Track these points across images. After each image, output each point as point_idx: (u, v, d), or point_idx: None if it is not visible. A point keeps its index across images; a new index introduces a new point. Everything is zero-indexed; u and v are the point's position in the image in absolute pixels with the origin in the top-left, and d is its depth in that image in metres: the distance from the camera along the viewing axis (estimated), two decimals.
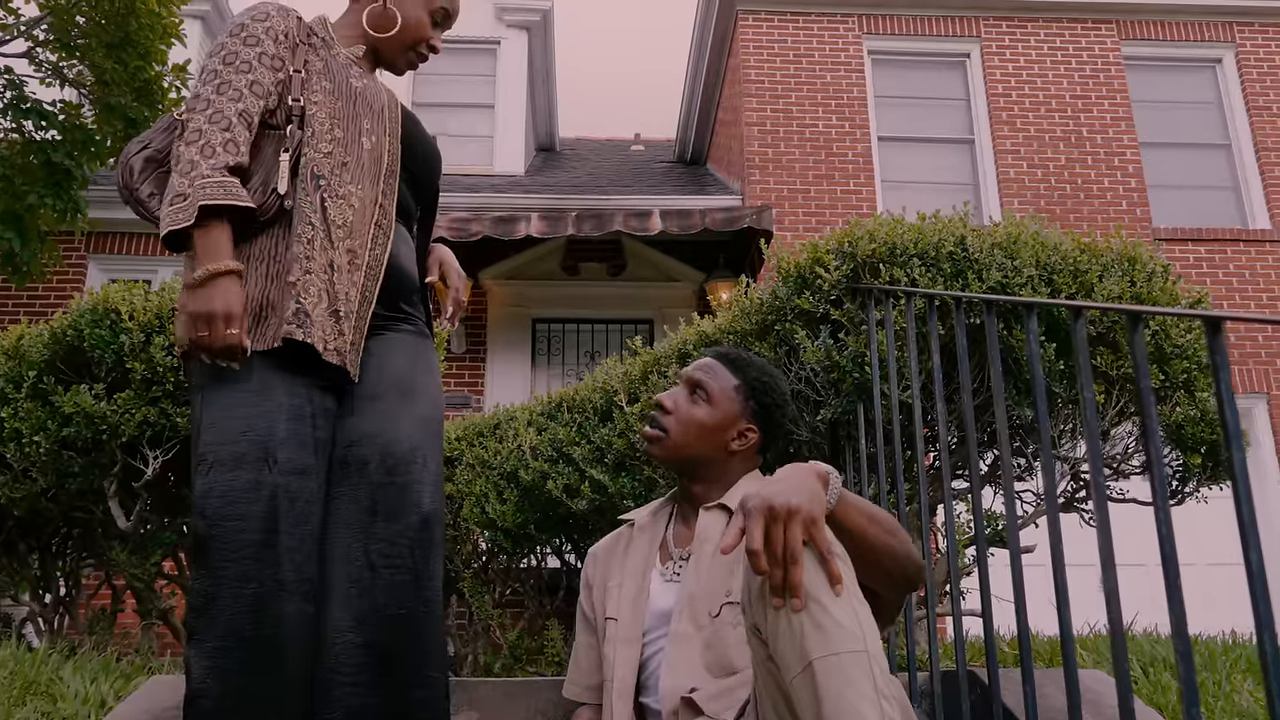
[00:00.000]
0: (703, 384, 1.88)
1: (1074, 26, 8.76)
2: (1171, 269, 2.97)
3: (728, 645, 1.67)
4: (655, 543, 1.88)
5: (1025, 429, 3.00)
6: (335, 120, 1.73)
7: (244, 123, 1.64)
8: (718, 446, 1.86)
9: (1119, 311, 1.49)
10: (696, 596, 1.73)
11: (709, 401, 1.86)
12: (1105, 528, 1.55)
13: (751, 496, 1.33)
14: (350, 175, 1.71)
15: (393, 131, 1.82)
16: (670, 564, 1.83)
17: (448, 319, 2.00)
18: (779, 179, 8.16)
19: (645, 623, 1.79)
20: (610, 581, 1.87)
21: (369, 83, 1.83)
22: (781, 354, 2.96)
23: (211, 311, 1.52)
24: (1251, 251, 8.14)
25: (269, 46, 1.71)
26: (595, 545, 1.99)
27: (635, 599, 1.81)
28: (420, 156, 1.92)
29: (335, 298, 1.64)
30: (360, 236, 1.70)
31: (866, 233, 2.82)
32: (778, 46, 8.60)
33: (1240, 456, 1.27)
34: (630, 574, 1.84)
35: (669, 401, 1.87)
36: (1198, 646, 2.82)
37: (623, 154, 11.96)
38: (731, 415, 1.87)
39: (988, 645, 1.93)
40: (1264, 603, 1.22)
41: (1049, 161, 8.33)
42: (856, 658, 1.24)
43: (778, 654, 1.32)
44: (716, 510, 1.82)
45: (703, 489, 1.86)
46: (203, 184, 1.56)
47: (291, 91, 1.72)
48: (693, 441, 1.85)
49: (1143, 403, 1.43)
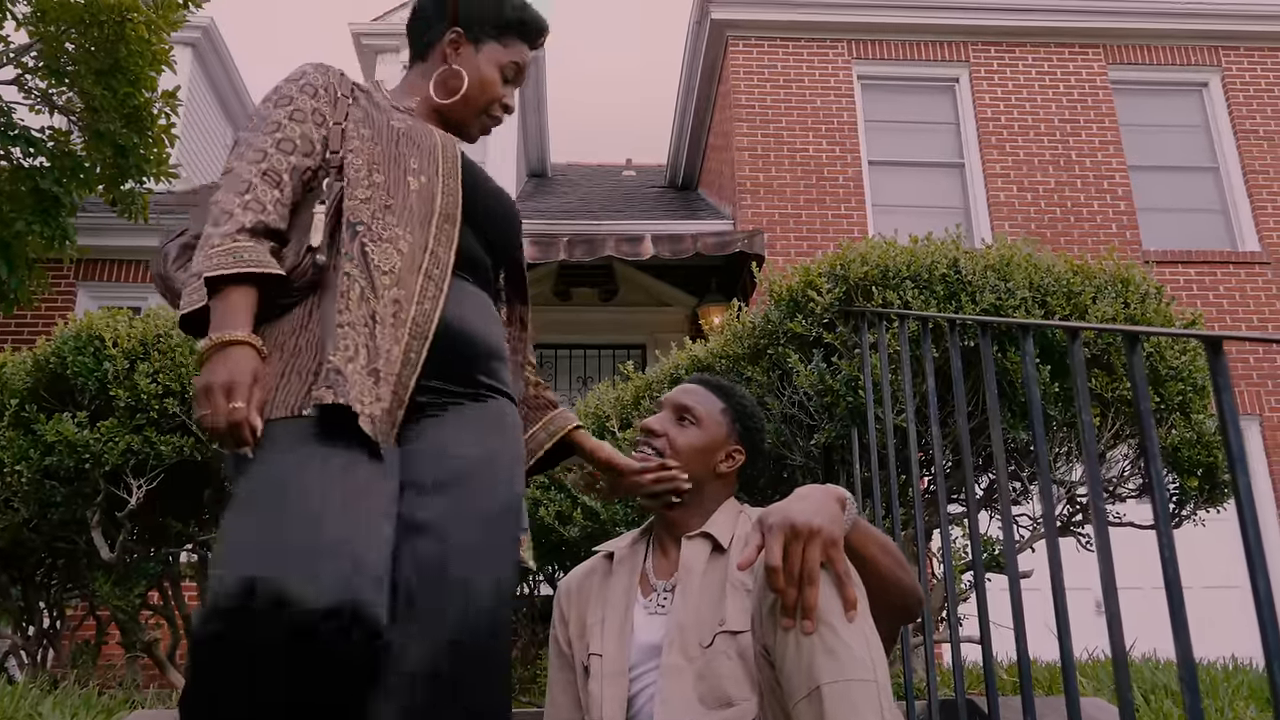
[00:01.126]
0: (690, 408, 1.87)
1: (1061, 51, 8.82)
2: (1165, 290, 2.96)
3: (721, 676, 1.64)
4: (635, 574, 1.84)
5: (1021, 452, 2.97)
6: (375, 165, 1.51)
7: (270, 181, 1.45)
8: (707, 469, 1.85)
9: (1116, 333, 1.46)
10: (686, 627, 1.69)
11: (698, 425, 1.86)
12: (1106, 554, 1.52)
13: (773, 513, 1.32)
14: (396, 218, 1.47)
15: (449, 171, 1.58)
16: (654, 596, 1.80)
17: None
18: (770, 203, 8.17)
19: (631, 657, 1.75)
20: (590, 617, 1.82)
21: (415, 123, 1.61)
22: (774, 378, 2.93)
23: (210, 384, 1.30)
24: (1241, 274, 8.17)
25: (304, 103, 1.53)
26: (567, 578, 1.94)
27: (620, 633, 1.77)
28: (486, 210, 1.65)
29: (375, 354, 1.38)
30: (407, 286, 1.44)
31: (859, 255, 2.80)
32: (768, 72, 8.64)
33: (1245, 481, 1.24)
34: (612, 607, 1.80)
35: (659, 426, 1.85)
36: (1200, 672, 2.78)
37: (614, 179, 11.98)
38: (720, 437, 1.87)
39: (987, 673, 1.90)
40: (1273, 630, 1.18)
41: (1038, 185, 8.36)
42: (865, 686, 1.24)
43: (784, 676, 1.30)
44: (699, 539, 1.80)
45: (684, 516, 1.83)
46: (210, 254, 1.37)
47: (331, 145, 1.53)
48: (685, 466, 1.82)
49: (1143, 425, 1.40)
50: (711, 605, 1.70)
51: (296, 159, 1.49)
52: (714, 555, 1.78)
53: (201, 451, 2.75)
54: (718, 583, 1.73)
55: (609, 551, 1.92)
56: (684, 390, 1.90)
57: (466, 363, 1.52)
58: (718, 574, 1.75)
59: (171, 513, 3.14)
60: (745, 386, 3.02)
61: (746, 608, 1.68)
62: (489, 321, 1.59)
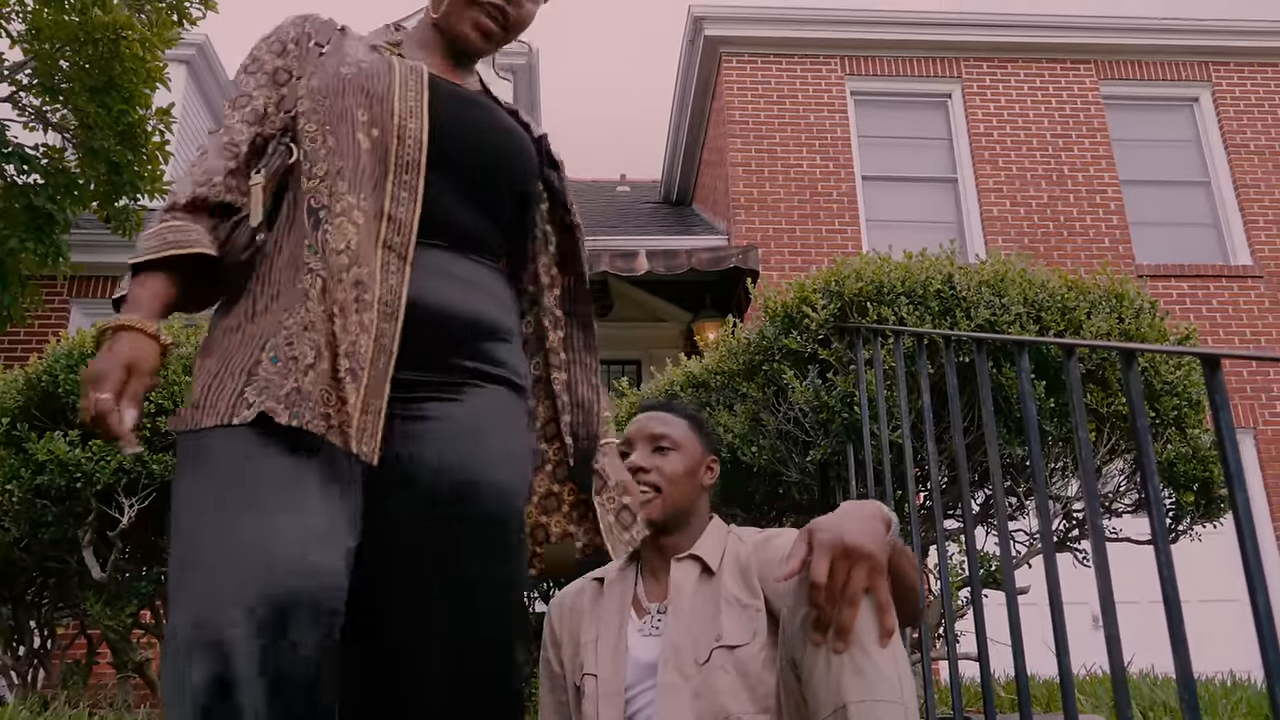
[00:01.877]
0: (666, 435, 1.88)
1: (1053, 66, 8.86)
2: (1159, 305, 2.96)
3: (719, 691, 1.63)
4: (627, 597, 1.84)
5: (1017, 468, 2.97)
6: (327, 126, 1.29)
7: (227, 154, 1.30)
8: (695, 489, 1.88)
9: (1112, 349, 1.46)
10: (680, 647, 1.70)
11: (678, 449, 1.87)
12: (1104, 571, 1.51)
13: (822, 529, 1.31)
14: (347, 184, 1.25)
15: (410, 110, 1.30)
16: (647, 619, 1.80)
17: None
18: (764, 219, 8.18)
19: (627, 678, 1.75)
20: (584, 637, 1.83)
21: (373, 62, 1.34)
22: (770, 394, 2.92)
23: (85, 374, 1.15)
24: (1234, 287, 8.19)
25: (270, 63, 1.37)
26: (557, 598, 1.95)
27: (614, 654, 1.77)
28: (470, 149, 1.37)
29: (337, 350, 1.16)
30: (368, 262, 1.22)
31: (853, 271, 2.80)
32: (761, 88, 8.67)
33: (1244, 499, 1.24)
34: (606, 627, 1.81)
35: (646, 462, 1.85)
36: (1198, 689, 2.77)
37: (609, 195, 11.99)
38: (698, 454, 1.90)
39: (985, 691, 1.89)
40: (1273, 647, 1.18)
41: (1031, 200, 8.39)
42: (892, 708, 1.24)
43: (811, 691, 1.30)
44: (688, 561, 1.81)
45: (675, 540, 1.84)
46: (141, 238, 1.25)
47: (285, 104, 1.35)
48: (681, 491, 1.85)
49: (1140, 444, 1.40)
50: (706, 623, 1.71)
51: (257, 129, 1.34)
52: (703, 576, 1.78)
53: None
54: (710, 601, 1.74)
55: (599, 576, 1.92)
56: (651, 419, 1.91)
57: (444, 345, 1.29)
58: (709, 593, 1.75)
59: (164, 532, 3.12)
60: (741, 403, 3.01)
61: (743, 622, 1.68)
62: (475, 293, 1.34)
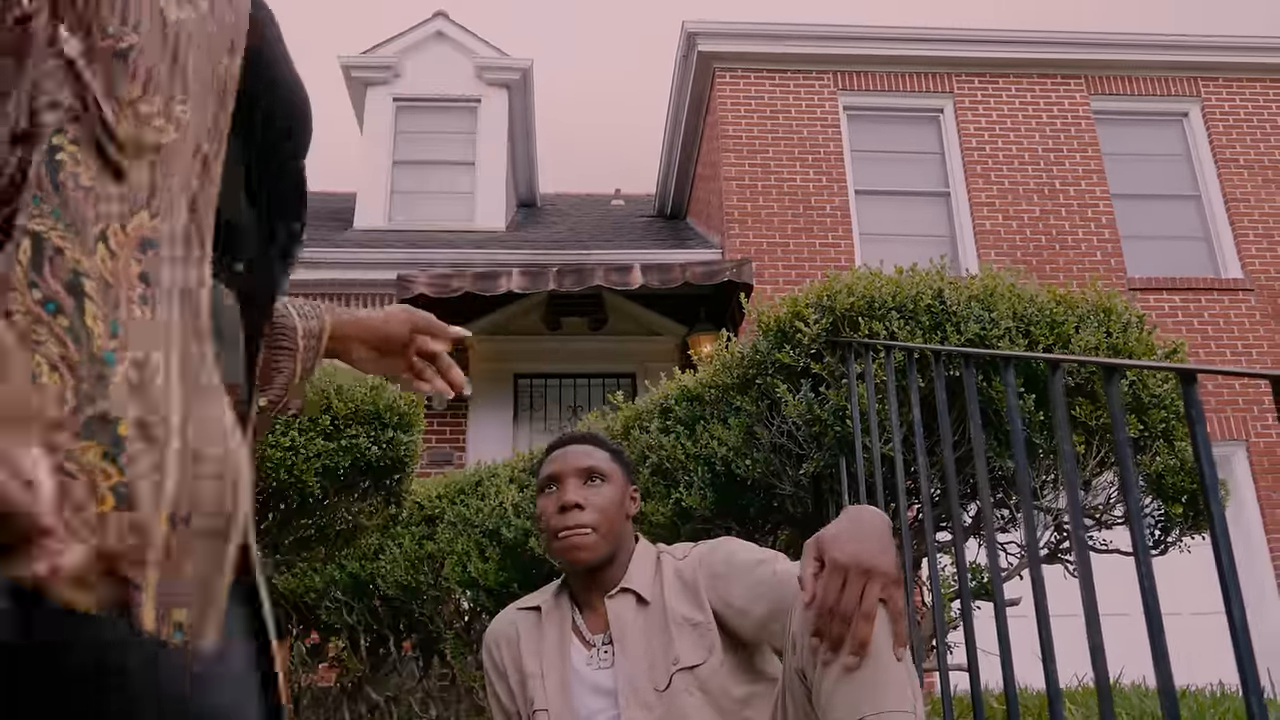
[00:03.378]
0: (595, 467, 1.82)
1: (1044, 82, 8.94)
2: (1147, 319, 2.99)
3: (687, 714, 1.63)
4: (566, 627, 1.81)
5: (1008, 481, 2.99)
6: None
7: None
8: (623, 520, 1.83)
9: (1094, 364, 1.49)
10: (636, 679, 1.68)
11: (606, 480, 1.82)
12: (1089, 582, 1.54)
13: (835, 545, 1.29)
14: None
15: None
16: (594, 651, 1.77)
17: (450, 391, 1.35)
18: (758, 232, 8.23)
19: (584, 709, 1.72)
20: (528, 667, 1.79)
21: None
22: (763, 408, 2.95)
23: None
24: (1225, 300, 8.25)
25: None
26: (491, 630, 1.89)
27: (562, 687, 1.74)
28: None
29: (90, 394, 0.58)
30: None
31: (845, 286, 2.83)
32: (755, 103, 8.73)
33: (1219, 511, 1.26)
34: (550, 663, 1.77)
35: (579, 497, 1.78)
36: (1186, 699, 2.79)
37: (603, 209, 12.04)
38: (623, 485, 1.85)
39: (975, 702, 1.91)
40: (1249, 660, 1.20)
41: (1023, 214, 8.45)
42: (904, 718, 1.25)
43: (820, 701, 1.30)
44: (620, 595, 1.77)
45: (607, 574, 1.80)
46: None
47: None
48: (614, 525, 1.79)
49: (1120, 457, 1.42)
50: (660, 650, 1.69)
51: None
52: (640, 606, 1.76)
53: None
54: (658, 628, 1.71)
55: (535, 605, 1.87)
56: (578, 454, 1.84)
57: None
58: (654, 620, 1.73)
59: None
60: (735, 416, 3.04)
61: (696, 641, 1.67)
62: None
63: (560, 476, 1.81)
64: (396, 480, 3.07)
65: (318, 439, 2.70)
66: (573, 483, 1.79)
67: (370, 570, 3.91)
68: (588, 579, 1.80)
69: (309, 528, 3.25)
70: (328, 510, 3.12)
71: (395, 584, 3.84)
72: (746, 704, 1.67)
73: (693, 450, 3.10)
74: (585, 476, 1.80)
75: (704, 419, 3.16)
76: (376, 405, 2.83)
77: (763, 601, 1.62)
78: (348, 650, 4.13)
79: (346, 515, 3.18)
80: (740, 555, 1.72)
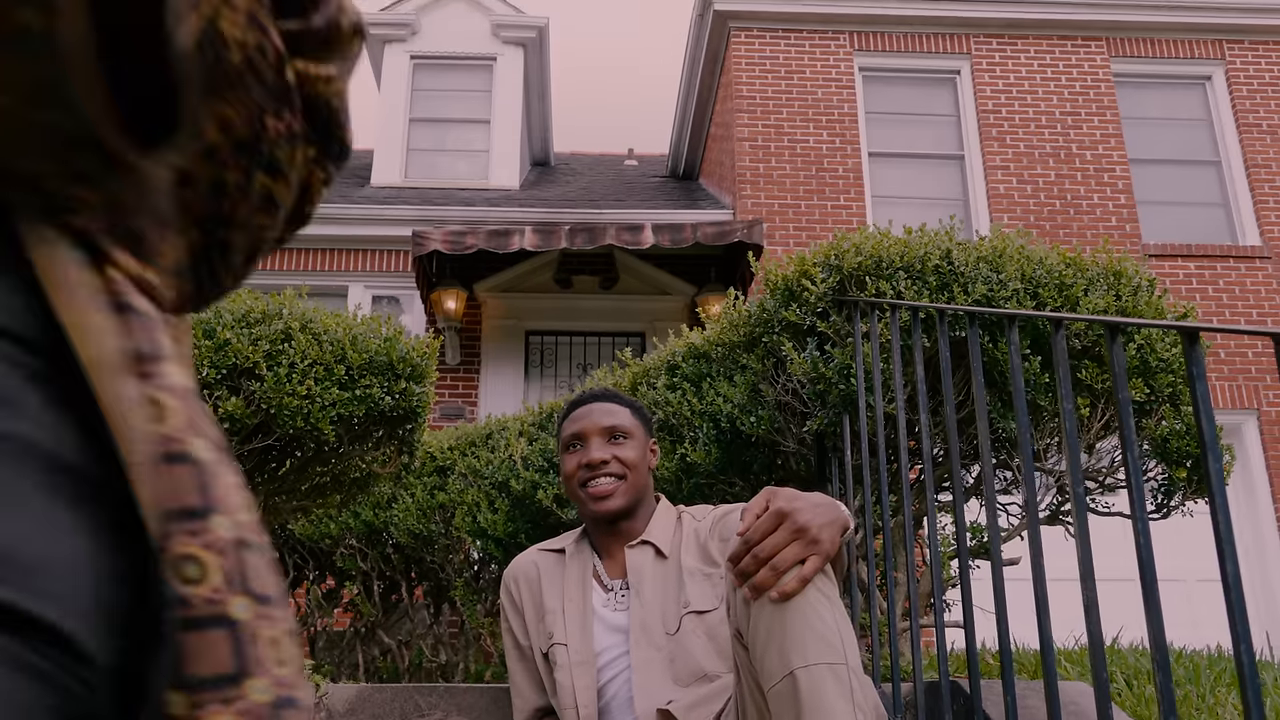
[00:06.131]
0: (618, 425, 1.89)
1: (1063, 44, 8.82)
2: (1158, 283, 2.99)
3: (693, 652, 1.71)
4: (587, 570, 1.89)
5: (1010, 441, 3.01)
6: None
7: None
8: (648, 474, 1.91)
9: (1098, 323, 1.50)
10: (649, 624, 1.76)
11: (629, 437, 1.89)
12: (1085, 539, 1.56)
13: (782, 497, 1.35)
14: None
15: None
16: (611, 595, 1.86)
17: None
18: (770, 194, 8.19)
19: (597, 645, 1.80)
20: (548, 603, 1.87)
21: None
22: (769, 366, 2.97)
23: None
24: (1241, 268, 8.19)
25: None
26: (511, 568, 1.97)
27: (583, 624, 1.82)
28: None
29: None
30: None
31: (853, 246, 2.84)
32: (769, 63, 8.65)
33: (1217, 468, 1.29)
34: (571, 599, 1.85)
35: (605, 454, 1.85)
36: (1183, 660, 2.83)
37: (617, 168, 12.00)
38: (645, 440, 1.93)
39: (969, 655, 1.94)
40: (1240, 613, 1.23)
41: (1039, 177, 8.38)
42: (835, 670, 1.28)
43: (757, 660, 1.35)
44: (641, 546, 1.86)
45: (629, 525, 1.88)
46: None
47: None
48: (638, 479, 1.87)
49: (1120, 414, 1.44)
50: (671, 598, 1.77)
51: None
52: (658, 558, 1.84)
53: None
54: (672, 577, 1.80)
55: (559, 547, 1.95)
56: (601, 412, 1.91)
57: None
58: (669, 572, 1.81)
59: None
60: (741, 374, 3.06)
61: (707, 590, 1.75)
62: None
63: (585, 435, 1.88)
64: (409, 430, 3.11)
65: (333, 388, 2.74)
66: (597, 441, 1.87)
67: (384, 519, 3.98)
68: (610, 529, 1.88)
69: (324, 475, 3.30)
70: (343, 458, 3.17)
71: (407, 532, 3.90)
72: None
73: (698, 407, 3.13)
74: (609, 435, 1.88)
75: (710, 376, 3.19)
76: (390, 357, 2.88)
77: None
78: (361, 596, 4.20)
79: (361, 464, 3.23)
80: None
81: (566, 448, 1.91)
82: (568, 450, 1.91)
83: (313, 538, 4.09)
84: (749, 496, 3.31)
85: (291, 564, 4.38)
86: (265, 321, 2.78)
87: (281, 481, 3.16)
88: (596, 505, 1.83)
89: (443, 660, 4.26)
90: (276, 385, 2.69)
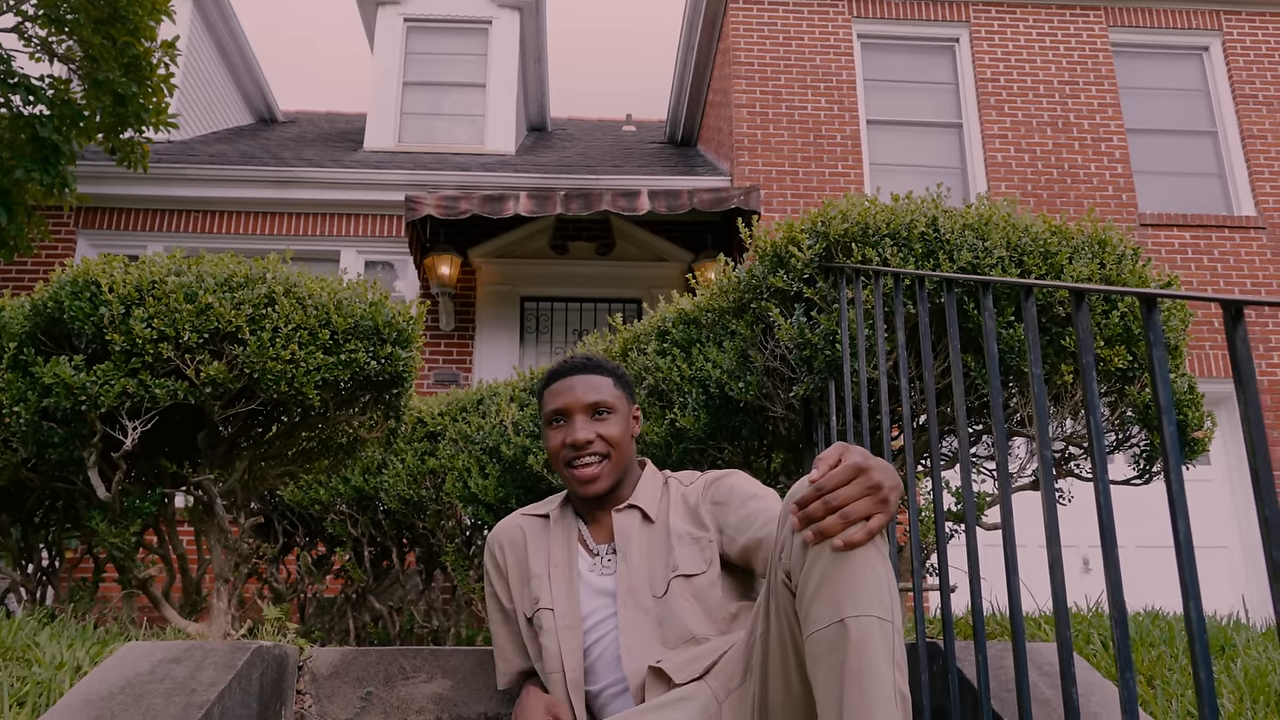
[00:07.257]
0: (601, 401, 1.87)
1: (1062, 13, 8.77)
2: (1142, 252, 3.00)
3: (681, 615, 1.72)
4: (572, 535, 1.90)
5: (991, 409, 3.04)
6: None
7: None
8: (632, 444, 1.91)
9: (1064, 289, 1.53)
10: (636, 587, 1.78)
11: (612, 411, 1.88)
12: (1051, 500, 1.59)
13: (858, 454, 1.34)
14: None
15: None
16: (597, 559, 1.86)
17: None
18: (768, 160, 8.17)
19: (583, 608, 1.81)
20: (534, 568, 1.88)
21: None
22: (757, 331, 2.99)
23: None
24: (1236, 238, 8.19)
25: None
26: (496, 532, 1.97)
27: (569, 588, 1.83)
28: None
29: None
30: None
31: (839, 212, 2.85)
32: (768, 29, 8.60)
33: (1172, 430, 1.31)
34: (557, 565, 1.86)
35: (589, 434, 1.84)
36: (1158, 623, 2.87)
37: (614, 134, 11.95)
38: (627, 409, 1.93)
39: (944, 616, 1.98)
40: (1190, 570, 1.26)
41: (1036, 146, 8.36)
42: (884, 625, 1.29)
43: (804, 605, 1.35)
44: (628, 510, 1.87)
45: (616, 493, 1.89)
46: None
47: None
48: (622, 454, 1.87)
49: (1084, 380, 1.47)
50: (659, 561, 1.78)
51: None
52: (644, 523, 1.85)
53: (195, 395, 2.82)
54: (660, 541, 1.81)
55: (543, 513, 1.96)
56: (584, 387, 1.88)
57: None
58: (658, 536, 1.82)
59: (166, 454, 3.22)
60: (730, 339, 3.08)
61: (696, 553, 1.77)
62: None
63: (568, 411, 1.87)
64: (395, 395, 3.13)
65: (317, 353, 2.75)
66: (580, 419, 1.86)
67: (374, 484, 4.01)
68: (598, 495, 1.87)
69: (311, 440, 3.33)
70: (329, 423, 3.19)
71: (398, 498, 3.93)
72: (735, 618, 1.77)
73: (688, 372, 3.15)
74: (592, 411, 1.86)
75: (700, 342, 3.21)
76: (375, 321, 2.88)
77: (749, 531, 1.72)
78: (352, 561, 4.24)
79: (348, 428, 3.25)
80: (741, 487, 1.83)
81: (550, 422, 1.90)
82: (551, 425, 1.90)
83: (302, 504, 4.12)
84: (738, 462, 3.34)
85: (281, 530, 4.42)
86: (248, 285, 2.79)
87: (268, 446, 3.17)
88: (584, 488, 1.84)
89: (434, 626, 4.32)
90: (260, 349, 2.70)
